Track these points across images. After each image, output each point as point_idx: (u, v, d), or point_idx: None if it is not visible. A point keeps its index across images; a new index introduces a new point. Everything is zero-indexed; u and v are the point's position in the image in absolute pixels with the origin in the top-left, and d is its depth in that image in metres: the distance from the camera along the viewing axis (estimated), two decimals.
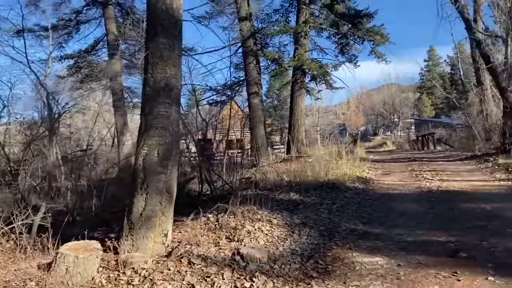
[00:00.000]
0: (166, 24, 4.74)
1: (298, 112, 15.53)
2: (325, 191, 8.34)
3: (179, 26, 4.93)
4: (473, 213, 6.10)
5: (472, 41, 24.09)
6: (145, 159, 4.55)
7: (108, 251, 4.29)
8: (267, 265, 4.21)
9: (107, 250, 4.29)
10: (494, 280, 3.58)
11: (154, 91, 4.67)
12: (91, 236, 4.74)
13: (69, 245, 4.11)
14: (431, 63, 70.79)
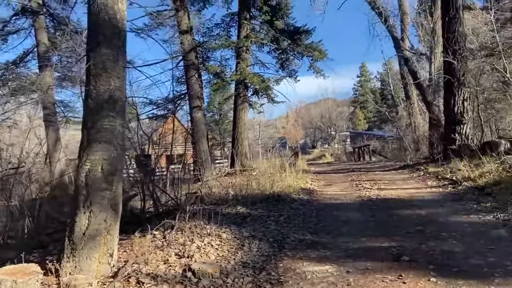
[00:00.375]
0: (109, 34, 4.58)
1: (241, 125, 15.64)
2: (271, 203, 8.40)
3: (123, 37, 4.78)
4: (411, 219, 6.43)
5: (400, 58, 25.82)
6: (87, 175, 4.32)
7: (48, 274, 3.99)
8: (220, 280, 4.14)
9: (48, 273, 3.99)
10: (436, 281, 3.78)
11: (97, 104, 4.47)
12: (27, 259, 4.39)
13: (5, 269, 3.77)
14: (363, 78, 74.72)
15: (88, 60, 4.58)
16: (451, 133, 12.08)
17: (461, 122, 11.93)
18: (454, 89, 12.09)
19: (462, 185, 8.38)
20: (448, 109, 12.51)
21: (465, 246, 4.79)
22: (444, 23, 12.91)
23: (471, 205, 6.86)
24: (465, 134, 11.89)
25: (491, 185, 7.59)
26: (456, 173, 9.46)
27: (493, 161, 8.91)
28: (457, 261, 4.29)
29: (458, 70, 12.03)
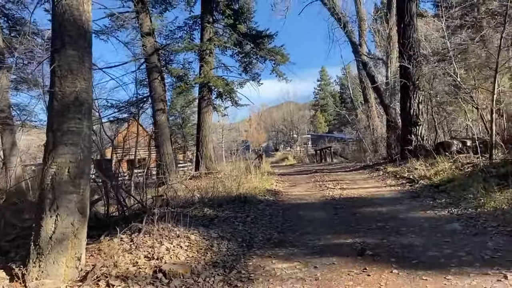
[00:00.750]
0: (74, 35, 4.52)
1: (206, 128, 15.63)
2: (238, 205, 8.49)
3: (89, 38, 4.73)
4: (373, 216, 6.71)
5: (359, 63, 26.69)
6: (54, 178, 4.24)
7: (14, 279, 3.89)
8: (191, 279, 4.19)
9: (13, 279, 3.89)
10: (398, 272, 4.00)
11: (63, 106, 4.39)
12: None
13: None
14: (323, 82, 76.37)
15: (53, 61, 4.49)
16: (407, 134, 12.65)
17: (417, 124, 12.53)
18: (410, 92, 12.69)
19: (419, 183, 8.82)
20: (404, 112, 13.10)
21: (423, 239, 5.08)
22: (400, 30, 13.52)
23: (428, 202, 7.26)
24: (420, 135, 12.49)
25: (445, 183, 8.05)
26: (413, 172, 9.94)
27: (446, 160, 9.43)
28: (416, 253, 4.55)
29: (413, 75, 12.64)
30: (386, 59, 25.31)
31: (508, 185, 6.52)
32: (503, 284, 3.43)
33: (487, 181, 6.88)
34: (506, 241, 4.57)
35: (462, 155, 9.59)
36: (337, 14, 21.78)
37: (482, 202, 6.22)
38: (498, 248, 4.37)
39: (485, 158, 8.58)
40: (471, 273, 3.76)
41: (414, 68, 12.55)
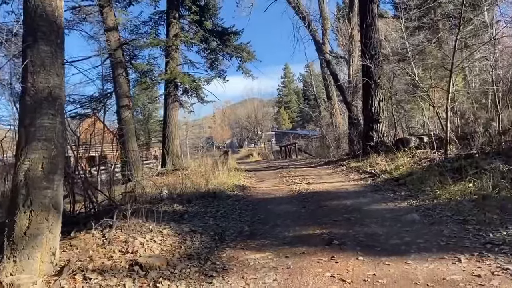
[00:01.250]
0: (47, 31, 4.51)
1: (172, 125, 15.58)
2: (207, 200, 8.62)
3: (61, 34, 4.73)
4: (338, 208, 7.03)
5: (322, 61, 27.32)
6: (27, 174, 4.23)
7: None
8: (168, 271, 4.31)
9: None
10: (363, 259, 4.30)
11: (36, 102, 4.38)
12: None
13: None
14: (287, 79, 77.25)
15: (25, 57, 4.47)
16: (369, 131, 13.18)
17: (378, 121, 13.08)
18: (372, 90, 13.22)
19: (380, 177, 9.27)
20: (366, 109, 13.63)
21: (385, 229, 5.43)
22: (362, 30, 14.02)
23: (389, 194, 7.68)
24: (381, 132, 13.06)
25: (404, 177, 8.52)
26: (374, 167, 10.42)
27: (405, 155, 9.96)
28: (379, 242, 4.87)
29: (375, 74, 13.17)
30: (348, 57, 25.99)
31: (461, 178, 7.01)
32: (457, 266, 3.78)
33: (443, 175, 7.37)
34: (460, 229, 4.98)
35: (419, 150, 10.16)
36: (301, 13, 22.17)
37: (438, 194, 6.68)
38: (453, 235, 4.76)
39: (441, 153, 9.15)
40: (429, 257, 4.10)
41: (376, 67, 13.07)
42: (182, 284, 4.00)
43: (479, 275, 3.52)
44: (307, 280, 3.88)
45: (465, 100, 12.69)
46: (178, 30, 15.83)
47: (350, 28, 25.26)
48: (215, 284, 4.02)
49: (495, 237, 4.46)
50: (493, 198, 5.73)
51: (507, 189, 5.92)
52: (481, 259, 3.88)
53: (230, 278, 4.17)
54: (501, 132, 8.61)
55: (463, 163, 7.71)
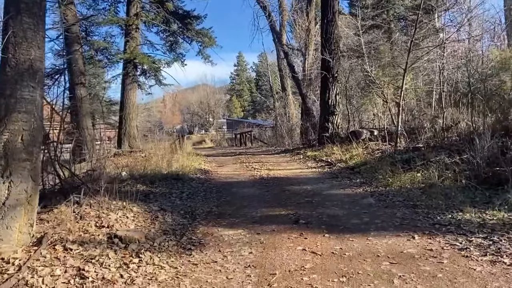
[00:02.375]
0: (29, 2, 4.47)
1: (130, 106, 15.35)
2: (170, 182, 8.74)
3: (44, 7, 4.72)
4: (300, 192, 7.48)
5: (279, 52, 27.82)
6: (6, 145, 4.22)
7: None
8: (147, 244, 4.50)
9: None
10: (329, 236, 4.73)
11: (17, 73, 4.35)
12: None
13: None
14: (240, 68, 77.24)
15: (7, 28, 4.40)
16: (325, 122, 13.82)
17: (334, 113, 13.74)
18: (329, 84, 13.83)
19: (337, 166, 9.86)
20: (323, 101, 14.24)
21: (345, 211, 5.92)
22: (323, 25, 14.55)
23: (345, 181, 8.24)
24: (336, 124, 13.74)
25: (359, 166, 9.15)
26: (330, 156, 11.02)
27: (359, 146, 10.63)
28: (341, 221, 5.34)
29: (333, 68, 13.77)
30: (304, 50, 26.63)
31: (410, 169, 7.70)
32: (412, 242, 4.30)
33: (394, 165, 8.03)
34: (411, 212, 5.56)
35: (372, 142, 10.88)
36: (262, 3, 22.43)
37: (390, 182, 7.30)
38: (405, 217, 5.33)
39: (391, 146, 9.88)
40: (386, 235, 4.61)
41: (335, 62, 13.67)
42: (163, 256, 4.22)
43: (431, 249, 4.04)
44: (281, 253, 4.24)
45: (413, 98, 13.61)
46: (139, 9, 15.54)
47: (308, 22, 25.86)
48: (194, 256, 4.27)
49: (441, 219, 5.05)
50: (438, 187, 6.39)
51: (450, 179, 6.61)
52: (432, 236, 4.43)
53: (208, 251, 4.44)
54: (445, 128, 9.45)
55: (411, 155, 8.44)
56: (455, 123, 9.45)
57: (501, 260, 3.60)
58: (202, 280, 3.63)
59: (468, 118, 9.32)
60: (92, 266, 3.78)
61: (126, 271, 3.77)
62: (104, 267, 3.81)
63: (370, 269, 3.62)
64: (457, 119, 9.63)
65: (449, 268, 3.52)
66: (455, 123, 9.43)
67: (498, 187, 5.85)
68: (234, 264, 4.00)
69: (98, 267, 3.79)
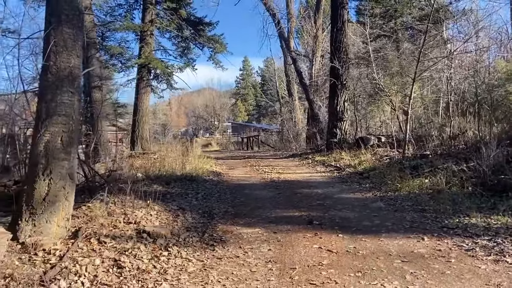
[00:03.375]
0: (70, 14, 4.84)
1: (143, 109, 15.75)
2: (185, 183, 9.08)
3: (82, 19, 5.10)
4: (311, 195, 7.80)
5: (286, 58, 28.20)
6: (47, 146, 4.58)
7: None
8: (173, 239, 4.84)
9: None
10: (343, 236, 5.04)
11: (57, 79, 4.72)
12: None
13: None
14: (246, 72, 77.58)
15: (49, 37, 4.77)
16: (333, 128, 14.14)
17: (342, 119, 14.06)
18: (338, 90, 14.16)
19: (345, 171, 10.17)
20: (331, 108, 14.57)
21: (356, 214, 6.23)
22: (332, 34, 14.91)
23: (355, 186, 8.55)
24: (344, 130, 14.06)
25: (368, 171, 9.45)
26: (339, 161, 11.33)
27: (368, 152, 10.93)
28: (353, 223, 5.65)
29: (342, 75, 14.11)
30: (311, 56, 26.98)
31: (418, 175, 8.00)
32: (421, 243, 4.61)
33: (402, 171, 8.32)
34: (419, 216, 5.86)
35: (380, 148, 11.19)
36: (272, 10, 22.84)
37: (399, 187, 7.60)
38: (414, 221, 5.63)
39: (399, 152, 10.18)
40: (397, 236, 4.91)
41: (343, 69, 14.00)
42: (189, 250, 4.55)
43: (439, 249, 4.35)
44: (299, 250, 4.56)
45: (420, 106, 13.91)
46: (154, 16, 15.97)
47: (316, 29, 26.23)
48: (217, 251, 4.60)
49: (449, 222, 5.35)
50: (446, 193, 6.69)
51: (457, 185, 6.91)
52: (440, 238, 4.73)
53: (229, 247, 4.77)
54: (452, 136, 9.75)
55: (419, 162, 8.74)
56: (462, 132, 9.74)
57: (504, 259, 3.91)
58: (228, 272, 3.96)
59: (474, 127, 9.62)
60: (126, 258, 4.12)
61: (158, 263, 4.11)
62: (137, 258, 4.15)
63: (383, 266, 3.93)
64: (464, 128, 9.93)
65: (457, 266, 3.83)
66: (462, 132, 9.72)
67: (503, 194, 6.14)
68: (255, 259, 4.32)
69: (132, 259, 4.13)
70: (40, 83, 4.95)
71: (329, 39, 26.45)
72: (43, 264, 3.92)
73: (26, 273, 3.70)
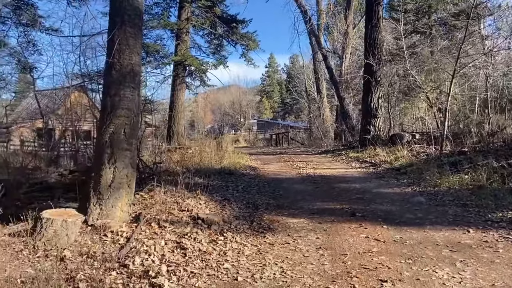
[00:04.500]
0: (132, 15, 5.20)
1: (179, 105, 16.20)
2: (224, 176, 9.39)
3: (142, 18, 5.44)
4: (349, 190, 7.96)
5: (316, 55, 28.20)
6: (112, 137, 4.96)
7: None
8: (226, 226, 5.14)
9: None
10: (387, 227, 5.21)
11: (121, 75, 5.09)
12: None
13: (51, 212, 4.38)
14: (271, 69, 77.48)
15: (113, 36, 5.13)
16: (366, 125, 14.20)
17: (376, 116, 14.10)
18: (372, 87, 14.19)
19: (381, 167, 10.26)
20: (365, 104, 14.62)
21: (397, 207, 6.37)
22: (367, 31, 14.92)
23: (392, 181, 8.65)
24: (378, 126, 14.09)
25: (405, 167, 9.52)
26: (374, 157, 11.42)
27: (405, 148, 10.98)
28: (396, 216, 5.80)
29: (376, 72, 14.13)
30: (341, 53, 26.91)
31: (457, 171, 8.04)
32: (467, 235, 4.74)
33: (441, 167, 8.38)
34: (462, 210, 5.95)
35: (417, 145, 11.21)
36: (303, 7, 22.92)
37: (439, 183, 7.67)
38: (457, 214, 5.73)
39: (436, 149, 10.20)
40: (442, 229, 5.05)
41: (378, 66, 14.03)
42: (242, 236, 4.84)
43: (486, 241, 4.48)
44: (347, 239, 4.77)
45: (455, 103, 13.80)
46: (189, 14, 16.37)
47: (346, 25, 26.14)
48: (268, 238, 4.86)
49: (493, 217, 5.44)
50: (487, 188, 6.74)
51: (498, 181, 6.95)
52: (485, 231, 4.85)
53: (278, 235, 5.02)
54: (490, 133, 9.70)
55: (457, 158, 8.78)
56: (500, 129, 9.69)
57: None
58: (282, 256, 4.21)
59: None
60: (187, 241, 4.44)
61: (216, 246, 4.41)
62: (197, 241, 4.46)
63: (432, 254, 4.10)
64: (502, 125, 9.86)
65: (505, 256, 3.96)
66: (500, 129, 9.66)
67: None
68: (306, 246, 4.56)
69: (192, 241, 4.44)
70: (104, 79, 5.34)
71: (359, 35, 26.60)
72: (113, 244, 4.29)
73: (100, 251, 4.07)
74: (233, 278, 3.60)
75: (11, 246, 4.00)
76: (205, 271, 3.74)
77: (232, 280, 3.56)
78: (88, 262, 3.82)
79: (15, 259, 3.82)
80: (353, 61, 26.66)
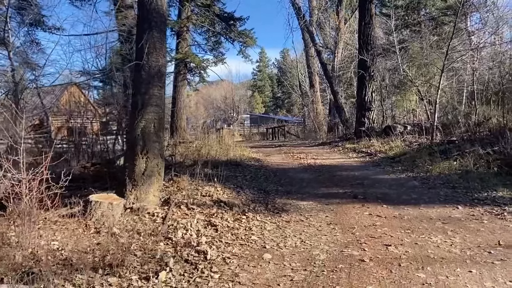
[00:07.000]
0: (158, 21, 5.82)
1: (181, 101, 16.78)
2: (231, 167, 10.01)
3: (165, 24, 6.05)
4: (349, 177, 8.68)
5: (309, 50, 28.86)
6: (143, 130, 5.59)
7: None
8: (245, 208, 5.82)
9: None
10: (387, 206, 5.92)
11: (149, 76, 5.71)
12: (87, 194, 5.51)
13: (97, 196, 5.01)
14: (262, 64, 77.85)
15: (140, 40, 5.75)
16: (361, 117, 14.95)
17: (370, 109, 14.85)
18: (366, 82, 14.93)
19: (377, 156, 11.01)
20: (360, 98, 15.36)
21: (394, 191, 7.09)
22: (360, 27, 15.63)
23: (388, 169, 9.39)
24: (372, 119, 14.86)
25: (399, 156, 10.27)
26: (369, 147, 12.17)
27: (398, 139, 11.74)
28: (393, 198, 6.52)
29: (369, 67, 14.86)
30: (334, 48, 27.57)
31: (447, 158, 8.79)
32: (457, 210, 5.48)
33: (432, 155, 9.13)
34: (452, 191, 6.69)
35: (409, 135, 11.98)
36: (297, 4, 23.55)
37: (430, 169, 8.42)
38: (447, 195, 6.47)
39: (427, 139, 10.96)
40: (434, 206, 5.78)
41: (371, 61, 14.76)
42: (261, 215, 5.51)
43: (473, 214, 5.22)
44: (352, 216, 5.48)
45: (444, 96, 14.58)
46: (189, 12, 16.91)
47: (338, 21, 26.76)
48: (283, 217, 5.55)
49: (479, 196, 6.20)
50: (474, 172, 7.50)
51: (484, 166, 7.71)
52: (472, 207, 5.59)
53: (292, 214, 5.71)
54: (477, 123, 10.48)
55: (447, 147, 9.54)
56: (486, 119, 10.47)
57: None
58: (299, 230, 4.90)
59: (498, 115, 10.33)
60: (215, 219, 5.11)
61: (241, 223, 5.09)
62: (224, 220, 5.14)
63: (427, 226, 4.82)
64: (488, 115, 10.64)
65: (489, 225, 4.70)
66: (486, 119, 10.44)
67: None
68: (318, 222, 5.25)
69: (220, 220, 5.11)
70: (134, 79, 5.96)
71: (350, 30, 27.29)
72: (152, 223, 4.94)
73: (143, 228, 4.72)
74: (261, 246, 4.29)
75: (66, 226, 4.62)
76: (237, 241, 4.42)
77: (261, 248, 4.24)
78: (135, 237, 4.46)
79: (72, 235, 4.45)
80: (345, 56, 27.35)
